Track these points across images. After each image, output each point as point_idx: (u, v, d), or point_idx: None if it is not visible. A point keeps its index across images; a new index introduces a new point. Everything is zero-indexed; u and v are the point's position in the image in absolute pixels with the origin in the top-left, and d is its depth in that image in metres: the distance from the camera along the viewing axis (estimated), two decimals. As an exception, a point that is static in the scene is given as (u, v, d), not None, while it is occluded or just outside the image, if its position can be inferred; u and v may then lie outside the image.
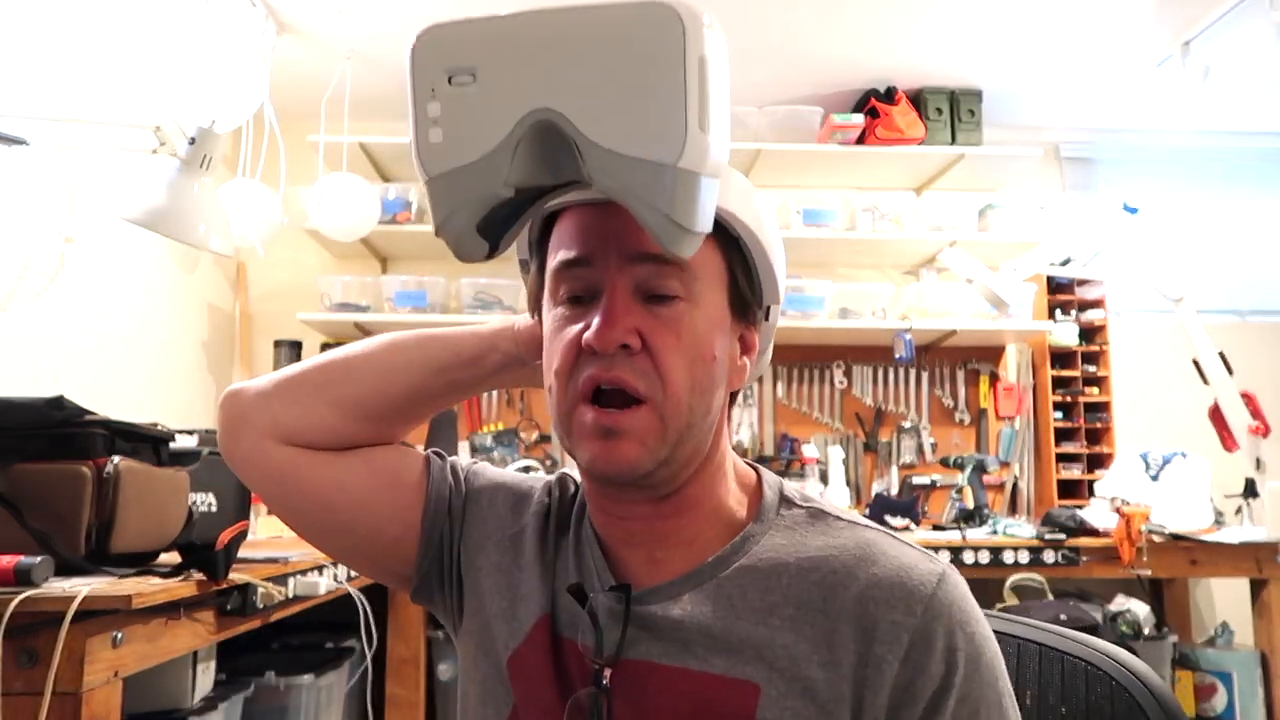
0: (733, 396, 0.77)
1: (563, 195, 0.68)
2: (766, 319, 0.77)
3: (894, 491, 3.50)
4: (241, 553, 1.51)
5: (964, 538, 2.87)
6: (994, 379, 3.69)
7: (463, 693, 0.80)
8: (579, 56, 0.59)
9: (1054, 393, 3.56)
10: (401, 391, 0.79)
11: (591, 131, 0.59)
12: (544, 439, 3.56)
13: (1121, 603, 2.95)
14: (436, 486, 0.81)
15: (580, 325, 0.68)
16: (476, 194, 0.63)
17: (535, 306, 0.77)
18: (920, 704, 0.65)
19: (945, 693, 0.65)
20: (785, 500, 0.76)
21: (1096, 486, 3.20)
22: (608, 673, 0.68)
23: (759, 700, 0.65)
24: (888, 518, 3.03)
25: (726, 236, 0.70)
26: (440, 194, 0.63)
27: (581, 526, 0.79)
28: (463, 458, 0.89)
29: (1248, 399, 3.01)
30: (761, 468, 0.80)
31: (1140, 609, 2.94)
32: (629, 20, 0.59)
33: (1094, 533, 2.87)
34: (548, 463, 3.46)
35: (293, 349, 3.43)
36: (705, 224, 0.62)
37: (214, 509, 1.86)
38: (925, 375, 3.69)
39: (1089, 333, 3.60)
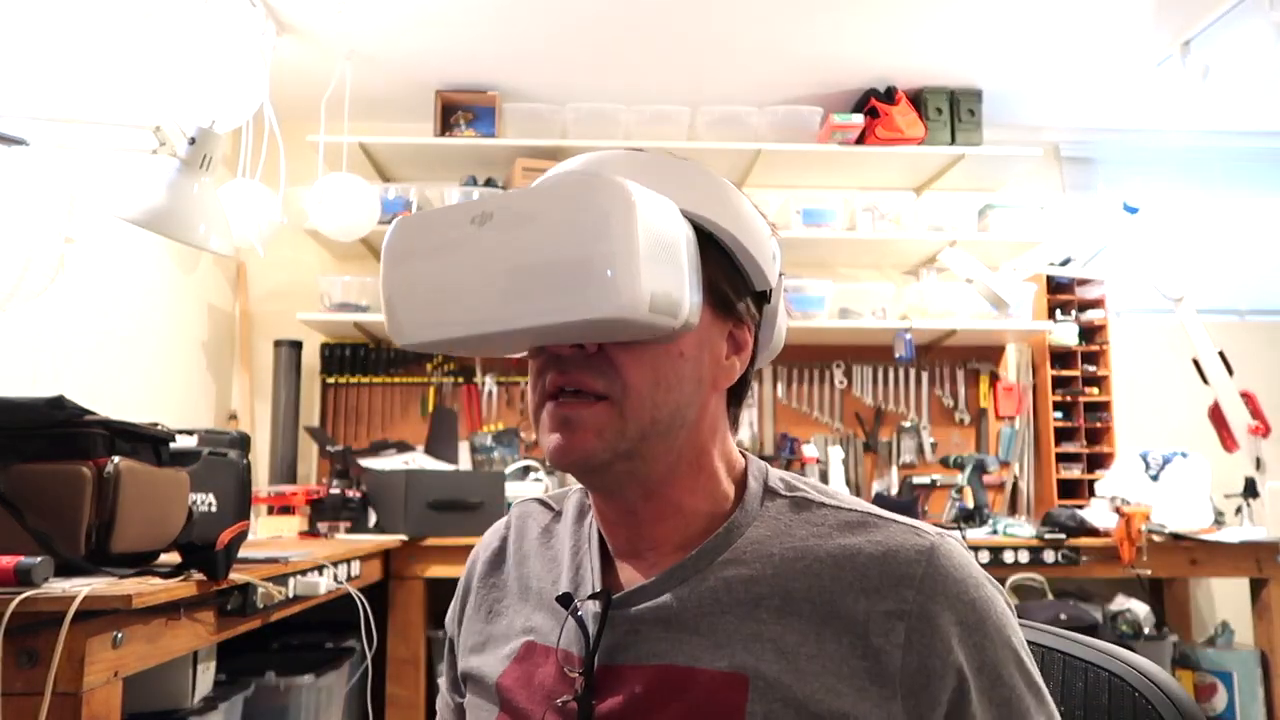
0: (734, 396, 0.76)
1: None
2: (767, 302, 0.76)
3: (894, 491, 3.50)
4: (241, 553, 1.51)
5: (964, 538, 2.86)
6: (994, 379, 3.69)
7: None
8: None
9: (1054, 392, 3.56)
10: None
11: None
12: (544, 439, 3.56)
13: (1121, 603, 2.96)
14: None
15: None
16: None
17: None
18: (943, 686, 0.63)
19: (962, 668, 0.64)
20: (769, 491, 0.74)
21: (1096, 486, 3.20)
22: (583, 679, 0.69)
23: (748, 693, 0.64)
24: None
25: (698, 234, 0.69)
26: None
27: (580, 534, 0.80)
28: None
29: (1248, 399, 3.01)
30: (750, 456, 0.78)
31: (1140, 609, 2.94)
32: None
33: (1094, 532, 2.87)
34: (548, 463, 3.46)
35: (293, 349, 3.43)
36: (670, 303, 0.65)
37: (214, 509, 1.86)
38: (925, 375, 3.69)
39: (1089, 333, 3.60)
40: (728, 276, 0.72)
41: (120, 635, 1.18)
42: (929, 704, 0.63)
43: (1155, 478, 3.05)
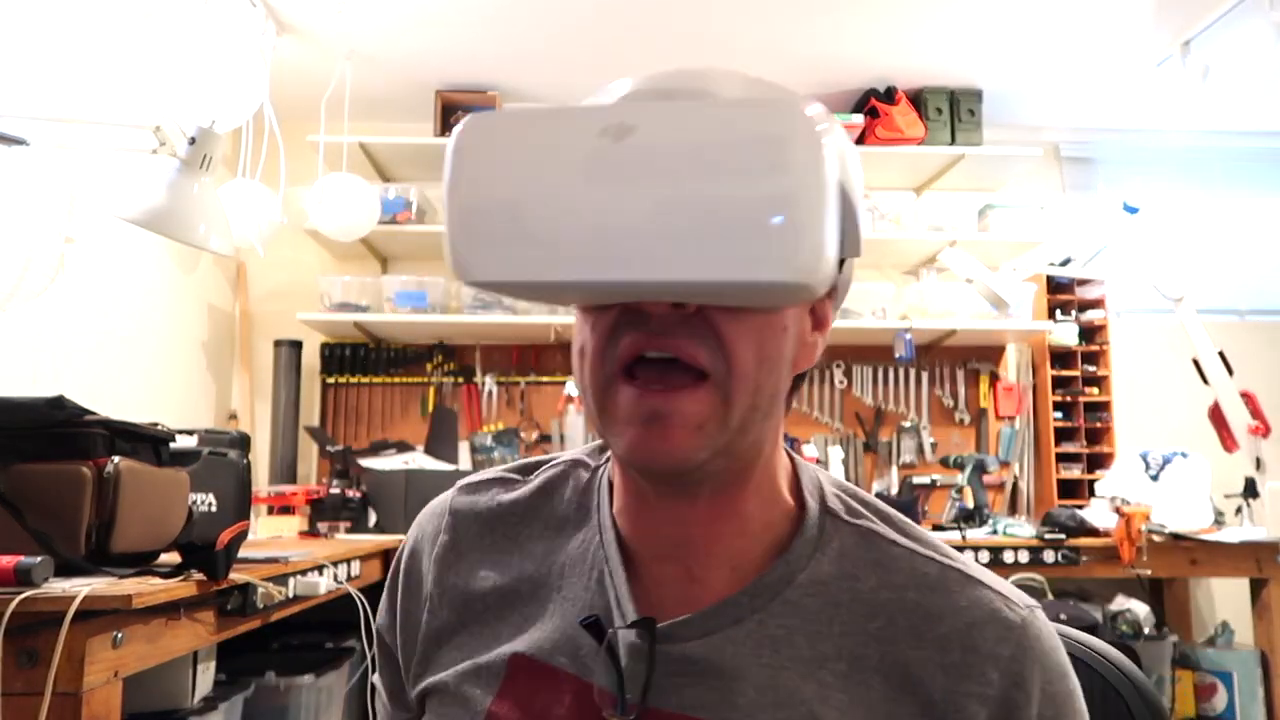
0: (797, 381, 0.63)
1: None
2: (840, 272, 0.62)
3: (894, 491, 3.49)
4: (241, 553, 1.50)
5: (964, 538, 2.87)
6: (994, 379, 3.69)
7: None
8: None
9: (1054, 393, 3.56)
10: None
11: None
12: (544, 439, 3.56)
13: (1121, 603, 2.96)
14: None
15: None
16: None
17: None
18: None
19: None
20: (828, 512, 0.63)
21: (1096, 486, 3.20)
22: None
23: None
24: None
25: None
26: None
27: (587, 529, 0.66)
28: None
29: (1248, 399, 3.01)
30: (796, 456, 0.67)
31: (1140, 609, 2.94)
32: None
33: (1094, 533, 2.87)
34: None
35: (293, 349, 3.43)
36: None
37: (214, 509, 1.86)
38: (925, 375, 3.69)
39: (1089, 333, 3.60)
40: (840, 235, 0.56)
41: (120, 635, 1.18)
42: None
43: (1155, 478, 3.05)
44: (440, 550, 0.69)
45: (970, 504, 3.13)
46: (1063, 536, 2.84)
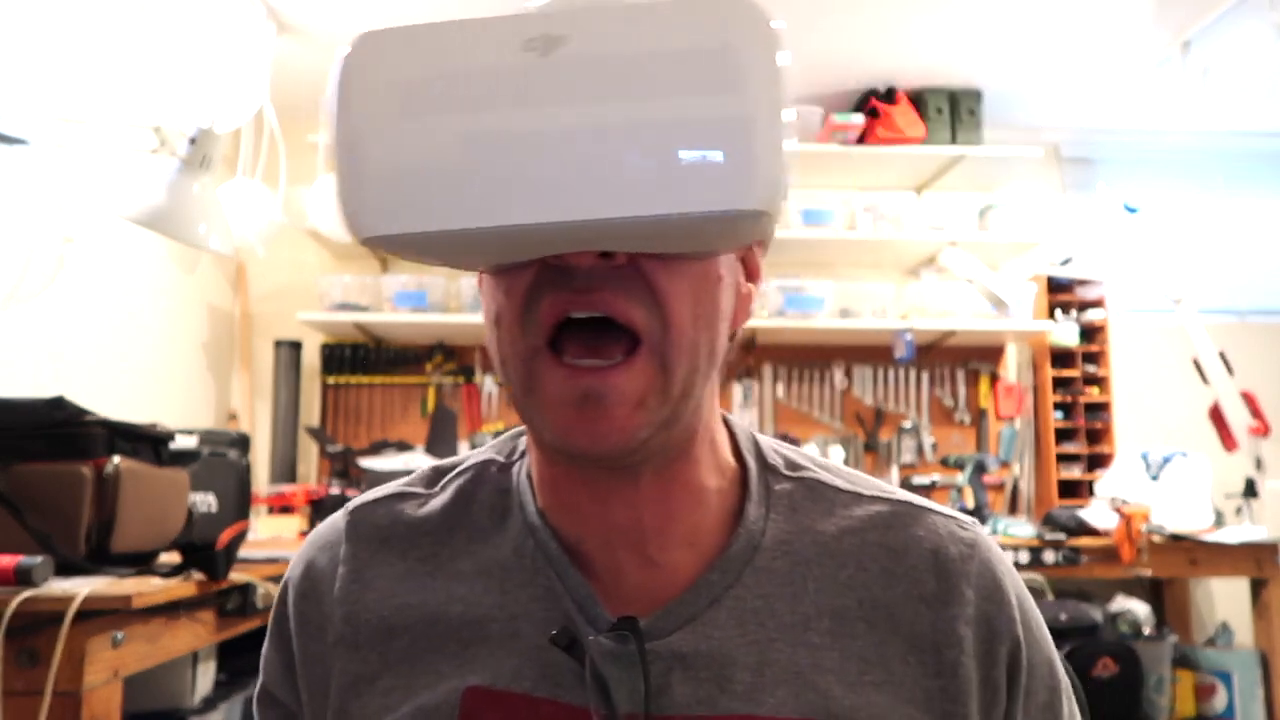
0: (732, 338, 0.58)
1: None
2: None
3: (894, 491, 3.49)
4: (241, 553, 1.51)
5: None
6: (994, 379, 3.69)
7: None
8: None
9: (1054, 393, 3.56)
10: None
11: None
12: (544, 439, 3.56)
13: (1121, 603, 2.95)
14: None
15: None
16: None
17: None
18: (1004, 690, 0.57)
19: (1016, 670, 0.57)
20: (771, 470, 0.60)
21: (1096, 486, 3.20)
22: None
23: None
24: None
25: None
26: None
27: (506, 533, 0.59)
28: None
29: (1248, 399, 3.01)
30: (727, 415, 0.62)
31: (1140, 609, 2.94)
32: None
33: (1094, 533, 2.87)
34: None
35: (293, 349, 3.43)
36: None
37: (214, 509, 1.86)
38: (925, 375, 3.68)
39: (1089, 333, 3.60)
40: None
41: (120, 635, 1.18)
42: (996, 706, 0.57)
43: (1155, 478, 3.05)
44: (343, 585, 0.59)
45: (970, 504, 3.13)
46: (1063, 536, 2.84)
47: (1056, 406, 3.55)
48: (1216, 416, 3.05)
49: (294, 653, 0.60)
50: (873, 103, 3.44)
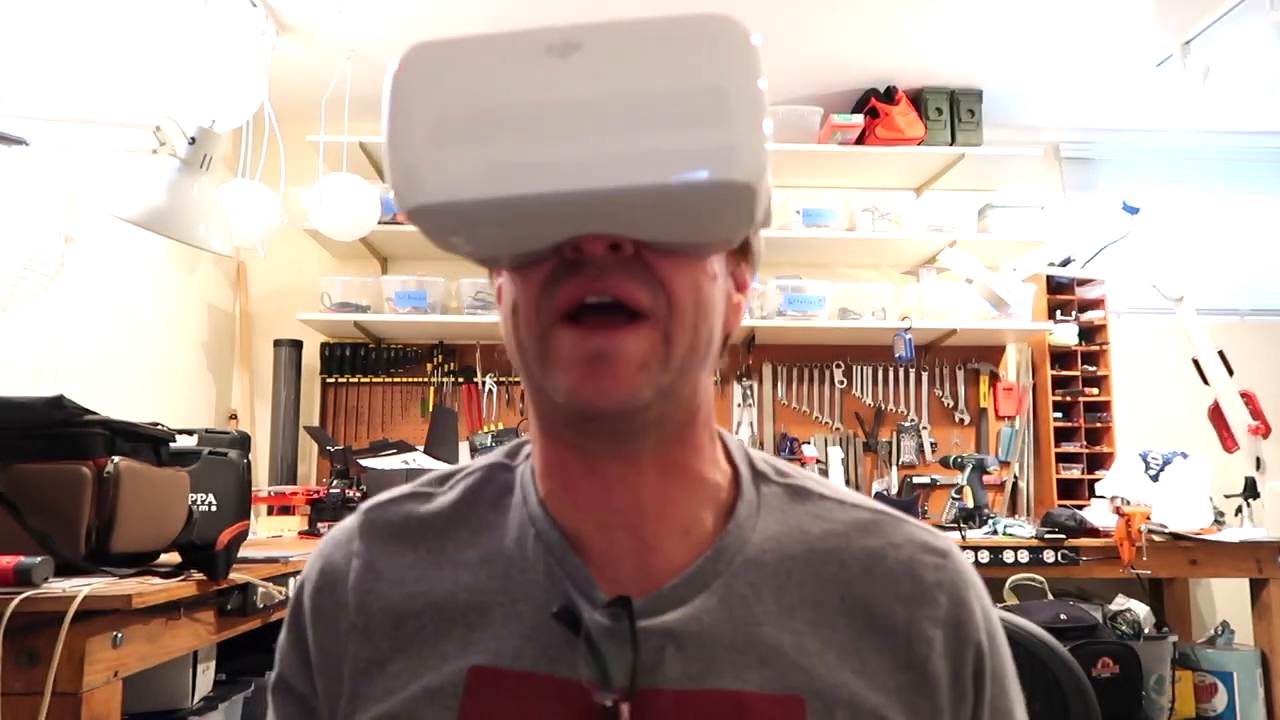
0: (725, 343, 0.64)
1: None
2: (756, 229, 0.63)
3: (894, 491, 3.50)
4: (241, 553, 1.51)
5: (964, 538, 2.87)
6: (994, 379, 3.69)
7: None
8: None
9: (1054, 393, 3.56)
10: None
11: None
12: (544, 439, 3.56)
13: (1121, 603, 2.95)
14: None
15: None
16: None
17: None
18: (971, 693, 0.61)
19: (981, 675, 0.62)
20: (758, 474, 0.66)
21: (1096, 486, 3.20)
22: (625, 709, 0.56)
23: (805, 717, 0.57)
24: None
25: None
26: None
27: (507, 521, 0.64)
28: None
29: (1248, 399, 3.01)
30: (718, 427, 0.67)
31: (1140, 609, 2.93)
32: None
33: (1094, 533, 2.87)
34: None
35: (293, 349, 3.43)
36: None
37: (214, 509, 1.86)
38: (925, 375, 3.69)
39: (1089, 333, 3.60)
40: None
41: (120, 635, 1.18)
42: (964, 708, 0.61)
43: (1155, 478, 3.05)
44: (357, 576, 0.64)
45: (970, 504, 3.13)
46: (1063, 536, 2.84)
47: (1056, 406, 3.56)
48: (1216, 416, 3.05)
49: (309, 645, 0.64)
50: (873, 103, 3.44)
